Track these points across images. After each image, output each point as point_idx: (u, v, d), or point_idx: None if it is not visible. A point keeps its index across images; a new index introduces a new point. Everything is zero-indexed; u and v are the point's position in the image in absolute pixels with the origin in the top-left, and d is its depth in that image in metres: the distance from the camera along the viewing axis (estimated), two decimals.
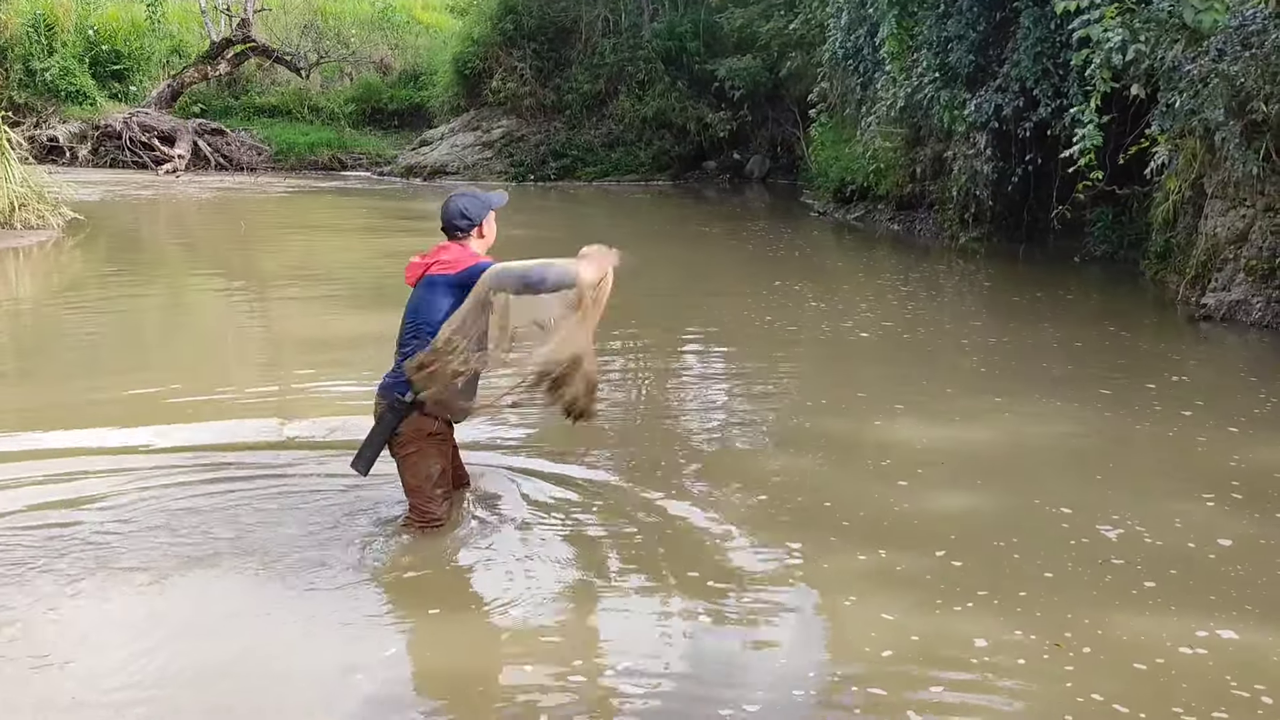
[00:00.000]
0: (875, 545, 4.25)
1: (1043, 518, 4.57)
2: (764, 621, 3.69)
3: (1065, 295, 9.93)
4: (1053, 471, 5.18)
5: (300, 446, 5.26)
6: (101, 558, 3.97)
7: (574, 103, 19.92)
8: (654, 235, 14.21)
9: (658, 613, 3.72)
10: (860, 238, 13.88)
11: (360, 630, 3.54)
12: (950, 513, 4.62)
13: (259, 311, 8.96)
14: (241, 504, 4.49)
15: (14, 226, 11.47)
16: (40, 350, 7.35)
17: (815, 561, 4.13)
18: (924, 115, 12.44)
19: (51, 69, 19.70)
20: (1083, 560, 4.15)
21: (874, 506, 4.65)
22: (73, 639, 3.43)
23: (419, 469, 4.15)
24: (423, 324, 4.02)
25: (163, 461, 5.00)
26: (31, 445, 5.18)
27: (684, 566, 4.06)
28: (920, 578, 3.98)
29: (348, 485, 4.61)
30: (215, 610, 3.64)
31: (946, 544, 4.27)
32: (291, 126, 21.20)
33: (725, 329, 8.38)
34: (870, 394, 6.37)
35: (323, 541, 4.14)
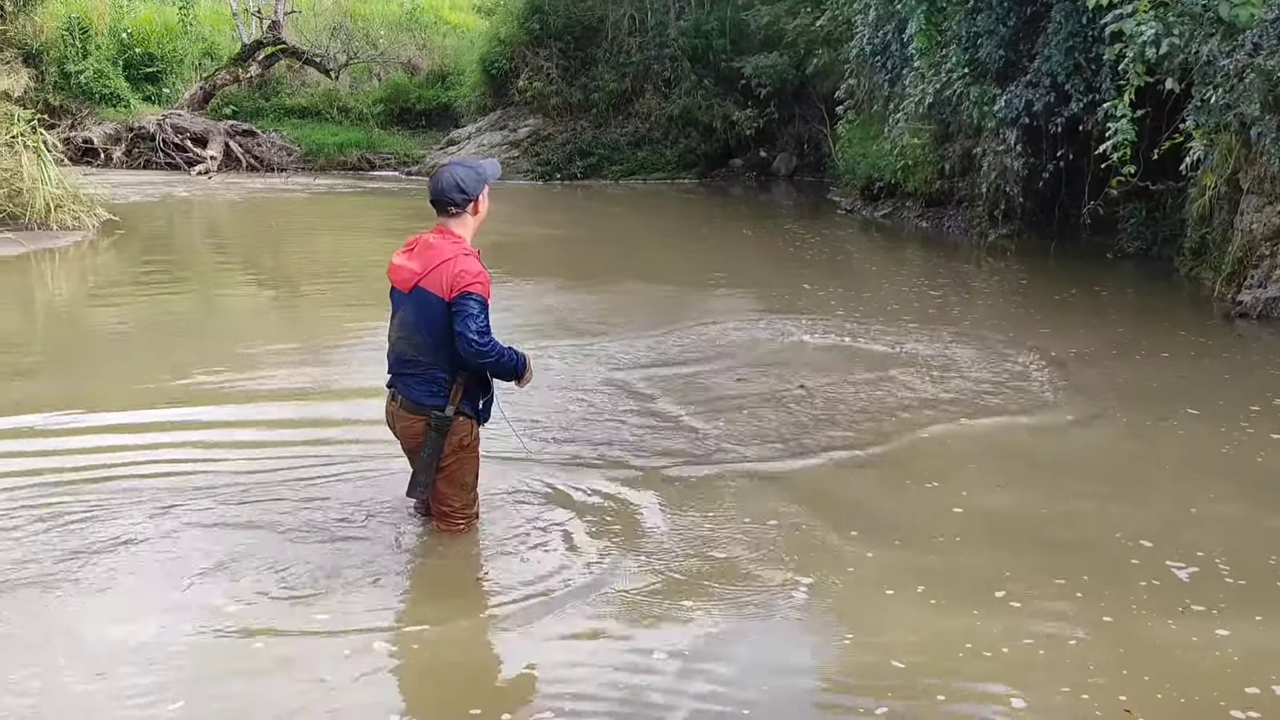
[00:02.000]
0: (908, 545, 4.24)
1: (1079, 517, 4.54)
2: (795, 617, 3.70)
3: (1101, 292, 9.85)
4: (1092, 470, 5.14)
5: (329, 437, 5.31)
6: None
7: (600, 101, 19.92)
8: (680, 233, 14.20)
9: (677, 604, 3.73)
10: (888, 235, 13.80)
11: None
12: (986, 512, 4.60)
13: (289, 309, 9.04)
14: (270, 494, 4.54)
15: (50, 227, 11.60)
16: (74, 345, 7.45)
17: (848, 559, 4.12)
18: (953, 111, 12.36)
19: (86, 72, 19.91)
20: (1124, 563, 4.13)
21: (908, 507, 4.64)
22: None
23: (457, 478, 4.07)
24: (428, 340, 3.87)
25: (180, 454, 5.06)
26: (58, 426, 5.27)
27: (716, 562, 4.07)
28: (955, 576, 3.97)
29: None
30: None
31: (977, 543, 4.25)
32: (321, 127, 21.33)
33: (754, 326, 8.36)
34: (904, 393, 6.34)
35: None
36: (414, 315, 3.89)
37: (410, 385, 3.96)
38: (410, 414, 3.98)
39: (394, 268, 3.98)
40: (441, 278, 3.83)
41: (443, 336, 3.85)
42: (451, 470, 4.02)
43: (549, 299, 9.24)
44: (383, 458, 4.78)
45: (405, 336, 3.94)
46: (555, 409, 5.86)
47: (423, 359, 3.91)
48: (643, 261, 11.76)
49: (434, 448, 3.94)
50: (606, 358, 7.06)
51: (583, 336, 7.65)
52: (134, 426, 5.53)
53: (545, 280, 10.18)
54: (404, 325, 3.94)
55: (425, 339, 3.89)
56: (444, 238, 3.91)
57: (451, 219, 3.94)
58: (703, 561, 4.07)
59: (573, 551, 4.13)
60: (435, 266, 3.84)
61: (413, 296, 3.89)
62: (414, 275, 3.88)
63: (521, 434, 4.84)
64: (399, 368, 4.00)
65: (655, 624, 3.62)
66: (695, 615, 3.67)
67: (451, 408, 3.94)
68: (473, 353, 3.80)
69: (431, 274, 3.84)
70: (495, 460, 4.75)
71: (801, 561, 4.07)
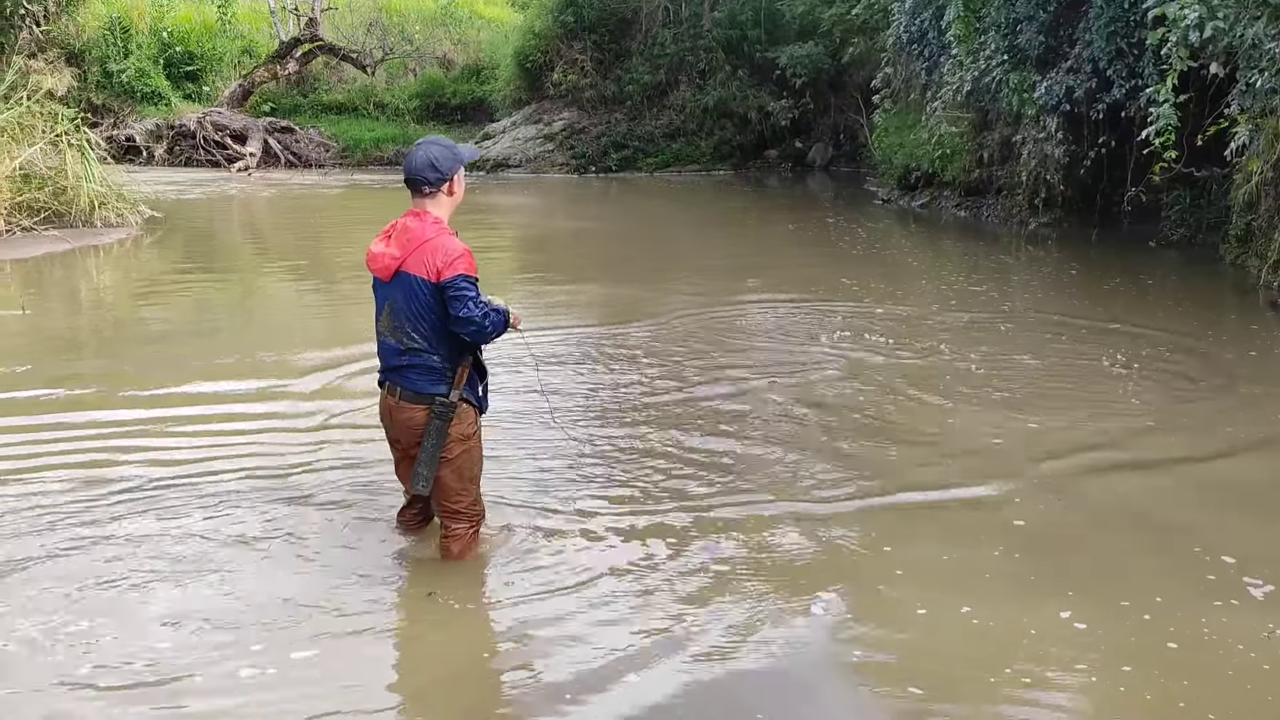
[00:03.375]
0: (956, 537, 4.21)
1: (1129, 512, 4.48)
2: (848, 611, 3.69)
3: (1147, 280, 9.72)
4: (1140, 465, 5.08)
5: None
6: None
7: (634, 94, 19.92)
8: (715, 224, 14.17)
9: (713, 596, 3.74)
10: (926, 225, 13.69)
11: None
12: (1008, 496, 4.56)
13: (328, 302, 9.12)
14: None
15: (94, 225, 11.79)
16: (118, 338, 7.56)
17: (893, 553, 4.10)
18: (991, 99, 12.23)
19: (128, 70, 20.22)
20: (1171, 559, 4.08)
21: (956, 501, 4.61)
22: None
23: (464, 470, 3.90)
24: (420, 326, 3.73)
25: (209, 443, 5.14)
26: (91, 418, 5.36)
27: (772, 555, 4.07)
28: (1002, 572, 3.94)
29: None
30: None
31: (1025, 540, 4.21)
32: (358, 123, 21.51)
33: (789, 310, 8.33)
34: (951, 386, 6.29)
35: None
36: (403, 302, 3.74)
37: (408, 376, 3.80)
38: (411, 404, 3.80)
39: (372, 256, 3.81)
40: (424, 260, 3.69)
41: (436, 321, 3.72)
42: (459, 462, 3.86)
43: (585, 294, 9.26)
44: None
45: (398, 325, 3.77)
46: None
47: (417, 346, 3.75)
48: (679, 255, 11.74)
49: (438, 437, 3.78)
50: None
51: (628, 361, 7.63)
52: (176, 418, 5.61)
53: (579, 277, 10.19)
54: (395, 314, 3.78)
55: (419, 325, 3.74)
56: (421, 220, 3.77)
57: (426, 199, 3.79)
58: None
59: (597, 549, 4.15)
60: (415, 249, 3.71)
61: (397, 283, 3.75)
62: (395, 261, 3.74)
63: (553, 406, 4.77)
64: (393, 359, 3.82)
65: (674, 608, 3.63)
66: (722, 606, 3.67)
67: (456, 393, 3.79)
68: (475, 332, 3.70)
69: (412, 257, 3.71)
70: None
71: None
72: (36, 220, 11.18)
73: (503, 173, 19.46)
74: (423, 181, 3.77)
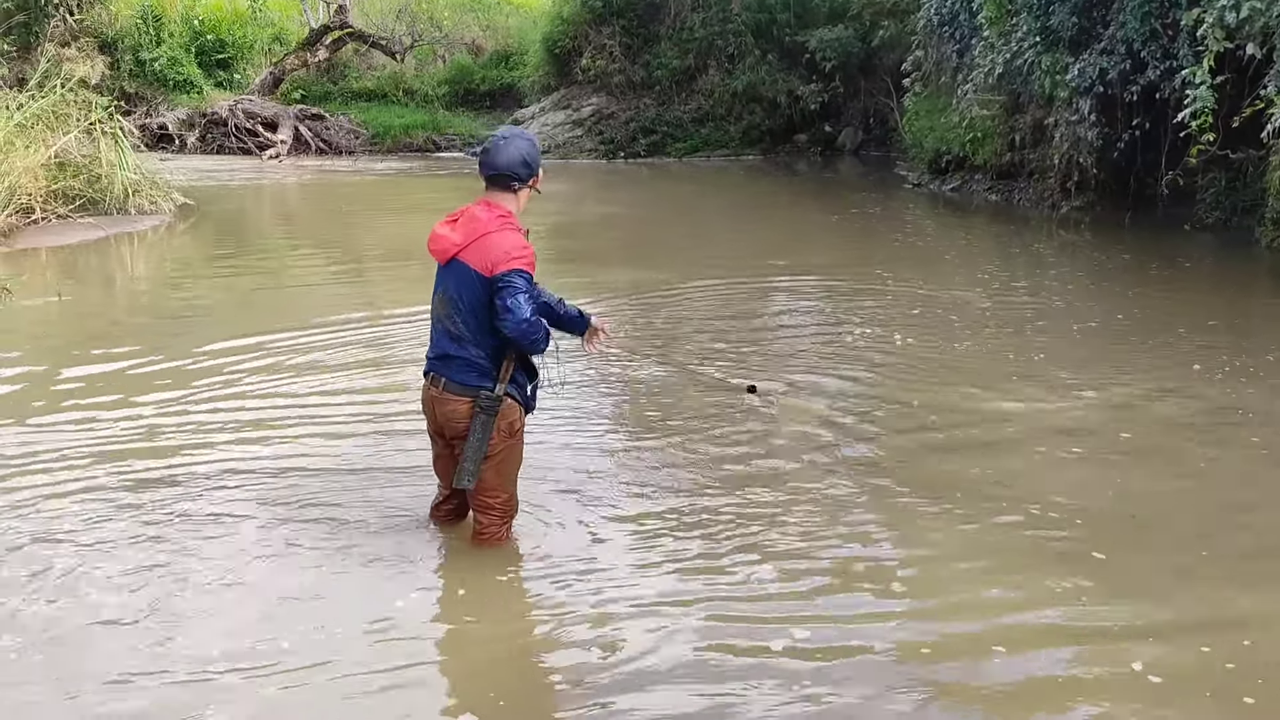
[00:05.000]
0: (991, 519, 4.20)
1: (1171, 494, 4.45)
2: (878, 591, 3.69)
3: (1184, 263, 9.61)
4: (1175, 445, 5.04)
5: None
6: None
7: (663, 79, 19.86)
8: (744, 210, 14.12)
9: (747, 580, 3.75)
10: (957, 209, 13.59)
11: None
12: (1071, 487, 4.53)
13: (360, 288, 9.19)
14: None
15: (129, 212, 11.92)
16: (154, 325, 7.64)
17: (924, 535, 4.10)
18: (1024, 81, 12.09)
19: (160, 59, 20.39)
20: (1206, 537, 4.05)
21: (989, 480, 4.59)
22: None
23: (505, 468, 3.83)
24: (469, 318, 3.65)
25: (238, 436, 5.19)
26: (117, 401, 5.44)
27: (794, 537, 4.07)
28: (1040, 553, 3.93)
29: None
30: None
31: (1066, 519, 4.19)
32: (387, 109, 21.59)
33: (825, 301, 8.31)
34: (983, 368, 6.26)
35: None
36: (455, 290, 3.67)
37: (453, 367, 3.71)
38: (455, 395, 3.71)
39: (434, 237, 3.74)
40: (482, 252, 3.61)
41: (485, 315, 3.64)
42: (501, 458, 3.77)
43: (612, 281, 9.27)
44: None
45: (447, 314, 3.71)
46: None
47: (465, 336, 3.68)
48: (708, 241, 11.72)
49: (484, 431, 3.68)
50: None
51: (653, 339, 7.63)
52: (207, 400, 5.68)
53: (607, 263, 10.19)
54: (446, 301, 3.72)
55: (467, 316, 3.66)
56: (489, 210, 3.68)
57: (504, 193, 3.72)
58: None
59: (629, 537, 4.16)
60: (476, 239, 3.63)
61: (452, 268, 3.67)
62: (454, 246, 3.66)
63: (564, 370, 4.52)
64: (442, 347, 3.75)
65: (710, 592, 3.65)
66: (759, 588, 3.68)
67: (501, 387, 3.69)
68: (514, 326, 3.58)
69: (472, 246, 3.63)
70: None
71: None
72: (72, 208, 11.31)
73: None
74: (513, 178, 3.70)
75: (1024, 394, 5.78)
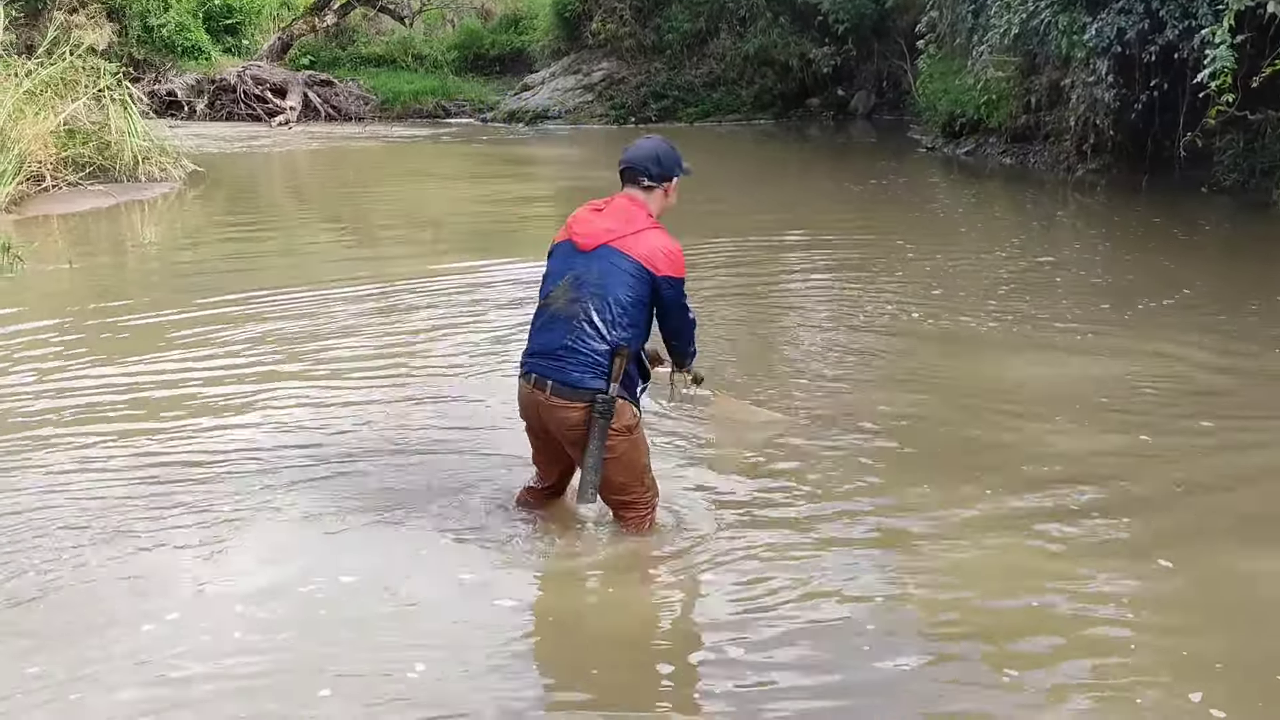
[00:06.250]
0: (997, 486, 4.18)
1: (1175, 458, 4.42)
2: (883, 562, 3.68)
3: (1204, 225, 9.52)
4: (1186, 410, 5.01)
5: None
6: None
7: (674, 42, 19.65)
8: (756, 174, 14.03)
9: (777, 553, 3.74)
10: (971, 173, 13.47)
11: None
12: (1079, 453, 4.51)
13: (369, 256, 9.17)
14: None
15: (138, 179, 11.89)
16: (166, 292, 7.64)
17: (937, 503, 4.08)
18: (1040, 42, 11.91)
19: (168, 25, 20.24)
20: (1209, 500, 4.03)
21: (996, 447, 4.56)
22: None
23: (633, 464, 3.61)
24: (607, 307, 3.46)
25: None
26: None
27: (805, 504, 4.07)
28: (1046, 520, 3.91)
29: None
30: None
31: (1071, 486, 4.17)
32: (396, 75, 21.44)
33: (833, 263, 8.26)
34: (1003, 334, 6.22)
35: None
36: (597, 276, 3.47)
37: (567, 364, 3.48)
38: (566, 401, 3.48)
39: (579, 220, 3.58)
40: (643, 244, 3.49)
41: (628, 306, 3.47)
42: (625, 457, 3.56)
43: None
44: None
45: (577, 299, 3.48)
46: None
47: (589, 326, 3.45)
48: (719, 206, 11.65)
49: (602, 437, 3.47)
50: None
51: None
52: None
53: None
54: (580, 285, 3.49)
55: (606, 304, 3.45)
56: (637, 205, 3.58)
57: (640, 191, 3.61)
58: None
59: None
60: (635, 231, 3.50)
61: (598, 255, 3.49)
62: (607, 234, 3.51)
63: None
64: (554, 340, 3.51)
65: (750, 570, 3.64)
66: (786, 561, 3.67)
67: (614, 387, 3.47)
68: (682, 330, 3.69)
69: (630, 238, 3.49)
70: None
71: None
72: (82, 175, 11.29)
73: (542, 124, 19.36)
74: (641, 172, 3.61)
75: (1046, 359, 5.74)
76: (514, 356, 5.58)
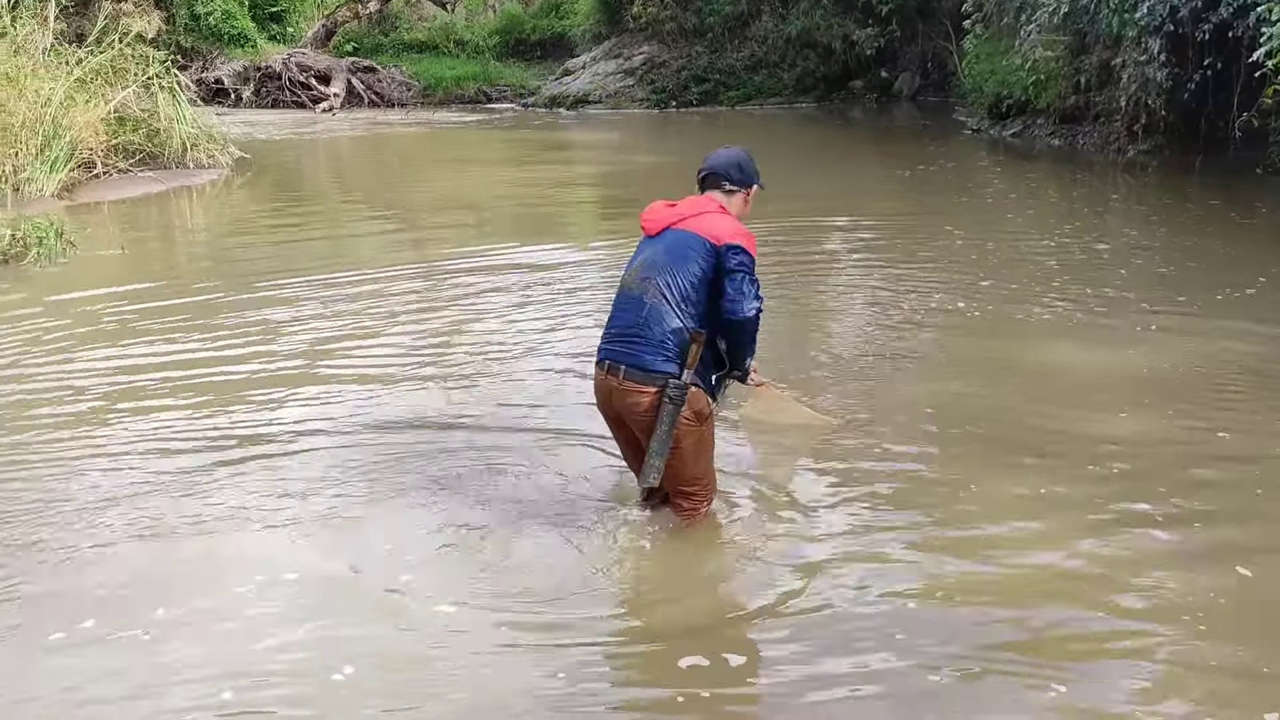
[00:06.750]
0: (1037, 469, 4.13)
1: (1253, 457, 4.30)
2: (919, 543, 3.66)
3: (1260, 208, 9.31)
4: (1237, 396, 4.91)
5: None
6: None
7: (715, 25, 19.54)
8: (798, 158, 13.91)
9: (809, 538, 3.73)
10: (1018, 154, 13.28)
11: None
12: (1120, 437, 4.44)
13: (414, 241, 9.23)
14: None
15: (187, 166, 12.05)
16: (218, 277, 7.75)
17: (974, 483, 4.04)
18: (1090, 21, 11.71)
19: (214, 13, 20.46)
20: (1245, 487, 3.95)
21: (1038, 430, 4.51)
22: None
23: (700, 456, 3.61)
24: (673, 281, 3.46)
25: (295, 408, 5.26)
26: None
27: (843, 486, 4.05)
28: (1084, 504, 3.86)
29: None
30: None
31: (1111, 470, 4.11)
32: (438, 61, 21.54)
33: (878, 249, 8.19)
34: (1058, 319, 6.11)
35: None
36: (664, 255, 3.51)
37: (638, 347, 3.47)
38: (638, 385, 3.46)
39: (650, 209, 3.67)
40: (707, 223, 3.52)
41: (694, 280, 3.46)
42: (693, 446, 3.55)
43: None
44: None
45: (646, 277, 3.51)
46: None
47: (659, 305, 3.45)
48: (765, 192, 11.58)
49: (671, 423, 3.44)
50: None
51: None
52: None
53: None
54: (648, 265, 3.54)
55: (673, 279, 3.46)
56: (712, 201, 3.65)
57: (721, 194, 3.67)
58: None
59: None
60: (700, 214, 3.57)
61: (663, 237, 3.55)
62: (674, 217, 3.57)
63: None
64: (627, 321, 3.53)
65: (787, 552, 3.64)
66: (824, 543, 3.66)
67: (688, 374, 3.44)
68: (741, 313, 3.47)
69: (694, 219, 3.54)
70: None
71: None
72: (132, 162, 11.46)
73: (583, 109, 19.36)
74: (723, 176, 3.68)
75: (1102, 344, 5.63)
76: (565, 339, 5.58)
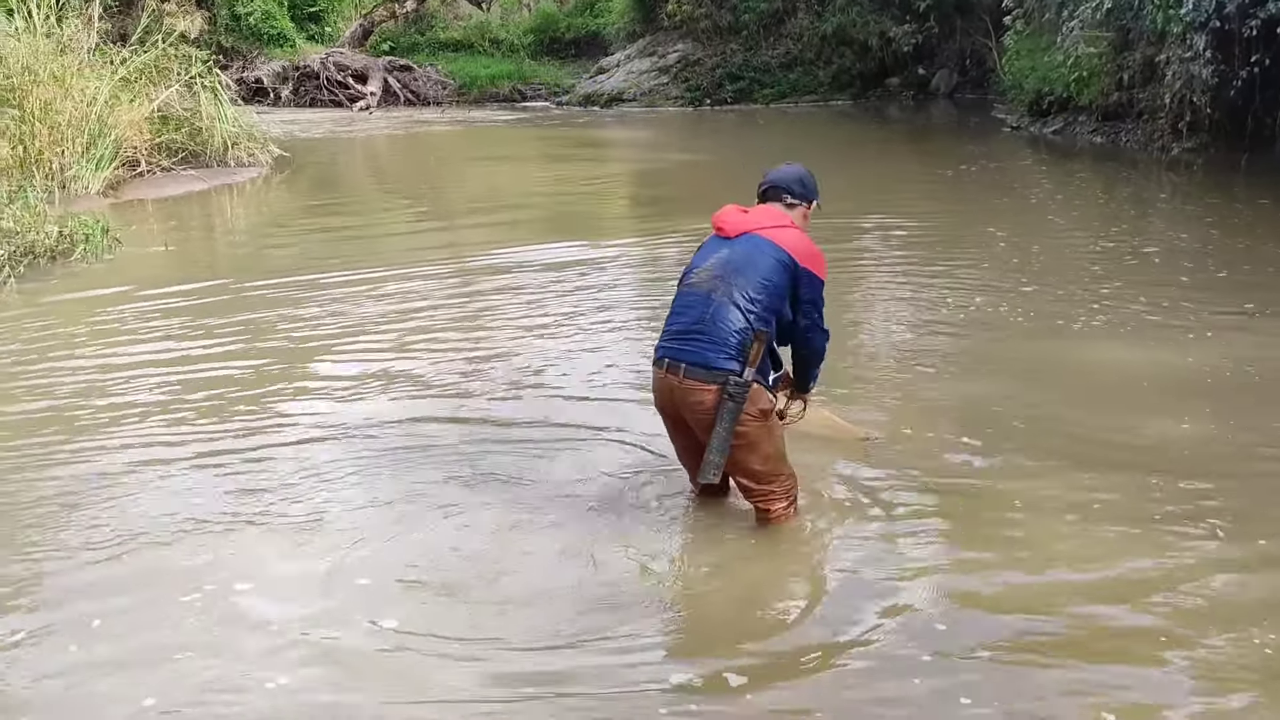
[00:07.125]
0: (1078, 469, 4.07)
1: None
2: (959, 542, 3.62)
3: None
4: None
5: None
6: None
7: (750, 23, 19.47)
8: (833, 156, 13.82)
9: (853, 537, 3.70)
10: (1060, 152, 13.12)
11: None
12: (1164, 438, 4.37)
13: (451, 238, 9.27)
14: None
15: (228, 164, 12.18)
16: (261, 274, 7.81)
17: (1013, 483, 3.99)
18: (1134, 16, 11.55)
19: (254, 13, 20.68)
20: None
21: (1091, 438, 4.43)
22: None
23: (767, 449, 3.55)
24: (748, 284, 3.48)
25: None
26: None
27: (882, 486, 4.01)
28: (1124, 504, 3.80)
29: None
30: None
31: (1153, 470, 4.04)
32: (474, 60, 21.64)
33: (918, 248, 8.11)
34: (1106, 321, 6.00)
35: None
36: (741, 259, 3.53)
37: (701, 344, 3.47)
38: (699, 383, 3.45)
39: (726, 212, 3.71)
40: (789, 238, 3.57)
41: (766, 285, 3.49)
42: (761, 441, 3.51)
43: None
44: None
45: (721, 276, 3.51)
46: None
47: (730, 303, 3.46)
48: None
49: (732, 420, 3.42)
50: None
51: None
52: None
53: (691, 210, 10.08)
54: (722, 264, 3.55)
55: (748, 281, 3.48)
56: (782, 214, 3.70)
57: (783, 207, 3.73)
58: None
59: None
60: (780, 226, 3.61)
61: (742, 240, 3.58)
62: (754, 223, 3.62)
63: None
64: (692, 316, 3.52)
65: (823, 547, 3.61)
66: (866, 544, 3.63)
67: (750, 371, 3.44)
68: (817, 344, 3.67)
69: (775, 230, 3.58)
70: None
71: None
72: (174, 160, 11.59)
73: (617, 107, 19.37)
74: (785, 190, 3.77)
75: (1159, 349, 5.53)
76: (602, 335, 5.56)
